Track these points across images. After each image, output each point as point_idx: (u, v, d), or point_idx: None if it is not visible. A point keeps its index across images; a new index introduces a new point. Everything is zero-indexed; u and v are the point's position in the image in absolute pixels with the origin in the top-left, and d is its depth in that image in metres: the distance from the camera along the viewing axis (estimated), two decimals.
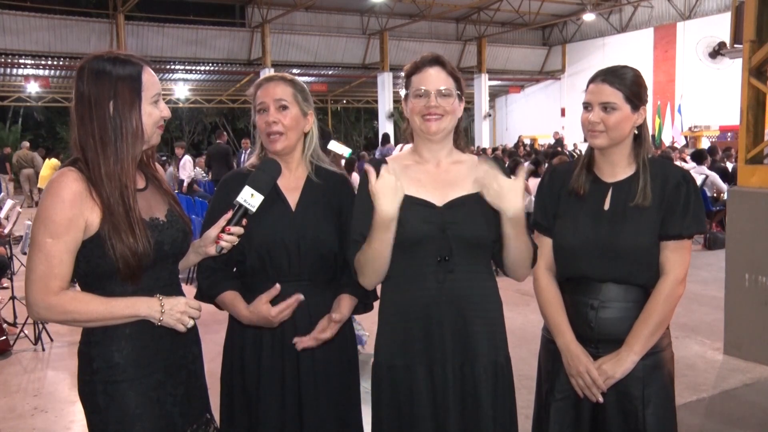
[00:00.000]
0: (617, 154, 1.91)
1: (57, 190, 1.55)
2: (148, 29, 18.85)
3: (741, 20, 4.85)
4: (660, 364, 1.88)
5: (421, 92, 1.79)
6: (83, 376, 1.64)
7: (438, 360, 1.77)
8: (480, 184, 1.72)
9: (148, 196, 1.71)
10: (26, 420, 3.70)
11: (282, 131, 1.93)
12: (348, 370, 2.03)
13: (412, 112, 1.81)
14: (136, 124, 1.60)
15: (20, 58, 17.61)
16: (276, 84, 1.96)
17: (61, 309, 1.56)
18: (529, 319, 5.22)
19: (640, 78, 1.89)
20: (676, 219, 1.84)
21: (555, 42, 26.31)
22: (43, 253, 1.54)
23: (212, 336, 2.38)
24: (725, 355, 4.42)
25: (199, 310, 1.68)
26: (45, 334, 4.99)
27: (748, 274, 4.26)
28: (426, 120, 1.78)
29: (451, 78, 1.82)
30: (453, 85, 1.82)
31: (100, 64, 1.59)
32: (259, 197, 1.79)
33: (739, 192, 4.45)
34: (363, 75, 23.14)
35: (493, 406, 1.78)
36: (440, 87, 1.79)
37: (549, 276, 1.98)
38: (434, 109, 1.77)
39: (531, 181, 8.98)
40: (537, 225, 2.02)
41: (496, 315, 1.85)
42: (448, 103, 1.80)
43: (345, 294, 1.95)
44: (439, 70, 1.81)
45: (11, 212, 6.63)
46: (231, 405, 1.98)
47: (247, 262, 1.93)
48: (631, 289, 1.87)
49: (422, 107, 1.78)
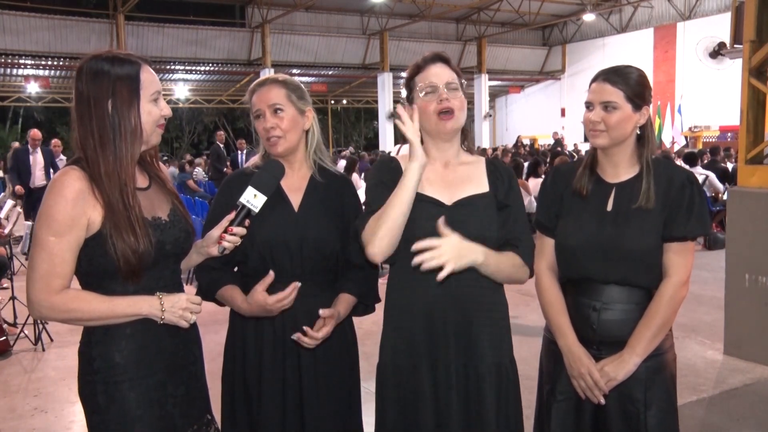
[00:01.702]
0: (620, 155, 1.91)
1: (60, 188, 1.55)
2: (148, 29, 18.85)
3: (741, 20, 4.85)
4: (662, 367, 1.88)
5: (430, 88, 1.79)
6: (83, 376, 1.64)
7: (442, 360, 1.77)
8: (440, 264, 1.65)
9: (151, 195, 1.71)
10: (26, 420, 3.70)
11: (280, 135, 1.93)
12: (349, 369, 2.03)
13: (425, 112, 1.79)
14: (134, 123, 1.60)
15: (20, 58, 17.61)
16: (269, 88, 1.95)
17: (63, 307, 1.56)
18: (530, 319, 5.21)
19: (643, 78, 1.88)
20: (680, 221, 1.84)
21: (555, 42, 26.32)
22: (45, 251, 1.54)
23: (212, 336, 2.38)
24: (725, 355, 4.42)
25: (200, 305, 1.68)
26: (45, 334, 4.99)
27: (748, 274, 4.26)
28: (441, 119, 1.78)
29: (454, 73, 1.83)
30: (458, 80, 1.83)
31: (99, 63, 1.59)
32: (262, 198, 1.78)
33: (739, 192, 4.45)
34: (363, 75, 23.15)
35: (497, 408, 1.78)
36: (448, 80, 1.80)
37: (551, 277, 1.98)
38: (446, 103, 1.77)
39: (531, 181, 8.98)
40: (539, 225, 2.02)
41: (501, 317, 1.84)
42: (457, 96, 1.80)
43: (344, 293, 1.95)
44: (443, 66, 1.82)
45: (11, 212, 6.63)
46: (232, 405, 1.98)
47: (249, 263, 1.93)
48: (633, 291, 1.87)
49: (435, 104, 1.78)
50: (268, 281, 1.82)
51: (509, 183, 1.87)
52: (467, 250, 1.67)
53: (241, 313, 1.91)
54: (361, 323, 2.12)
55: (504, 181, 1.86)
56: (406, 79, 1.88)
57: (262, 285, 1.82)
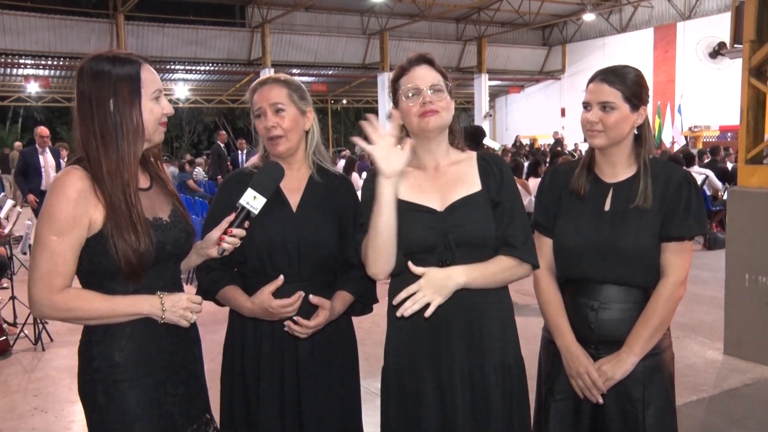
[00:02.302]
0: (617, 155, 1.91)
1: (62, 188, 1.55)
2: (148, 29, 18.85)
3: (741, 20, 4.85)
4: (660, 366, 1.88)
5: (413, 90, 1.76)
6: (83, 375, 1.65)
7: (445, 363, 1.76)
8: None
9: (152, 195, 1.71)
10: (26, 420, 3.70)
11: (282, 134, 1.92)
12: (348, 369, 2.03)
13: (407, 114, 1.77)
14: (136, 121, 1.60)
15: (20, 58, 17.61)
16: (270, 87, 1.94)
17: (64, 306, 1.56)
18: (530, 320, 5.20)
19: (641, 78, 1.88)
20: (678, 220, 1.84)
21: (555, 42, 26.31)
22: (47, 250, 1.55)
23: (212, 336, 2.38)
24: (725, 355, 4.42)
25: (201, 305, 1.69)
26: (45, 334, 4.99)
27: (748, 274, 4.26)
28: (423, 116, 1.75)
29: (439, 75, 1.80)
30: (443, 81, 1.79)
31: (99, 64, 1.59)
32: (262, 200, 1.79)
33: (739, 192, 4.45)
34: (363, 75, 23.15)
35: (503, 408, 1.76)
36: (432, 82, 1.77)
37: (549, 277, 1.98)
38: (429, 105, 1.74)
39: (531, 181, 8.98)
40: (538, 225, 2.01)
41: (506, 315, 1.82)
42: (442, 98, 1.77)
43: (342, 290, 1.95)
44: (427, 68, 1.79)
45: (11, 212, 6.63)
46: (231, 405, 1.98)
47: (247, 263, 1.93)
48: (631, 291, 1.87)
49: (418, 107, 1.75)
50: (278, 284, 1.82)
51: (501, 178, 1.81)
52: (447, 279, 1.68)
53: (242, 313, 1.91)
54: (361, 323, 2.12)
55: (496, 176, 1.82)
56: (391, 82, 1.85)
57: (270, 287, 1.82)
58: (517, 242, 1.77)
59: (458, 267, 1.71)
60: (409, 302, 1.65)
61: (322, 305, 1.86)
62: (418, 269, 1.67)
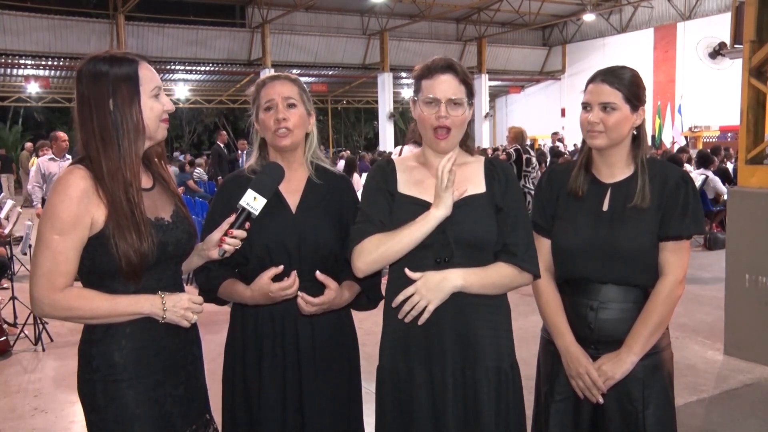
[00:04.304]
0: (615, 155, 1.91)
1: (64, 187, 1.56)
2: (148, 29, 18.86)
3: (741, 20, 4.85)
4: (660, 365, 1.88)
5: (430, 100, 1.76)
6: (83, 375, 1.65)
7: (437, 362, 1.75)
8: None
9: (155, 196, 1.72)
10: (26, 420, 3.71)
11: (291, 128, 1.93)
12: (349, 370, 2.03)
13: (422, 122, 1.79)
14: (136, 119, 1.61)
15: (20, 59, 17.63)
16: (283, 83, 1.97)
17: (65, 305, 1.57)
18: (529, 320, 5.20)
19: (638, 78, 1.89)
20: (676, 220, 1.84)
21: (555, 42, 26.32)
22: (49, 249, 1.55)
23: (212, 336, 2.38)
24: (725, 355, 4.42)
25: (202, 305, 1.69)
26: (45, 334, 4.99)
27: (748, 275, 4.26)
28: (436, 136, 1.77)
29: (462, 86, 1.78)
30: (464, 93, 1.78)
31: (97, 65, 1.60)
32: (262, 200, 1.79)
33: (740, 192, 4.45)
34: (363, 75, 23.16)
35: (495, 413, 1.75)
36: (451, 96, 1.75)
37: (548, 277, 1.98)
38: (444, 121, 1.74)
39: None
40: (535, 226, 2.00)
41: (501, 319, 1.81)
42: (459, 113, 1.77)
43: (350, 280, 1.94)
44: (451, 78, 1.77)
45: (11, 212, 6.63)
46: (232, 405, 1.98)
47: (248, 265, 1.93)
48: (630, 290, 1.87)
49: (433, 119, 1.75)
50: (277, 271, 1.83)
51: (506, 184, 1.82)
52: (444, 281, 1.69)
53: (243, 302, 1.91)
54: (361, 323, 2.13)
55: (501, 181, 1.82)
56: (414, 77, 1.85)
57: (269, 273, 1.83)
58: (519, 250, 1.76)
59: (455, 270, 1.71)
60: (407, 306, 1.68)
61: (328, 284, 1.86)
62: (415, 274, 1.68)
